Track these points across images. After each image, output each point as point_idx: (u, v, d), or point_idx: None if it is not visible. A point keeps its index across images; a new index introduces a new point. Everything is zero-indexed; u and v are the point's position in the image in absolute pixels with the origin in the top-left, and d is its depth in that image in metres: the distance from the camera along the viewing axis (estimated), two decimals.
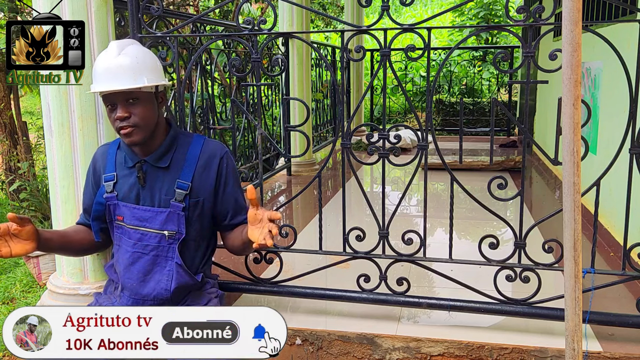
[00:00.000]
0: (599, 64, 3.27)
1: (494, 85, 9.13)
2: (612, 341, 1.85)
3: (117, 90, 1.59)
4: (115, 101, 1.60)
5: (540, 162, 5.15)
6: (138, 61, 1.63)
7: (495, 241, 1.90)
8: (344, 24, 2.18)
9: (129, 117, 1.60)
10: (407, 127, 2.18)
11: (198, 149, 1.75)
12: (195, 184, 1.72)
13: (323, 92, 6.15)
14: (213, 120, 3.73)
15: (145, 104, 1.63)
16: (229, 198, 1.77)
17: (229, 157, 1.79)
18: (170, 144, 1.73)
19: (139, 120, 1.61)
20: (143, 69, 1.62)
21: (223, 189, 1.76)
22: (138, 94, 1.62)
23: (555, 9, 1.74)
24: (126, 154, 1.74)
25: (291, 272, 2.18)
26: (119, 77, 1.58)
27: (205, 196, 1.74)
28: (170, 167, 1.72)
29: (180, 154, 1.73)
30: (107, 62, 1.61)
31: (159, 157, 1.71)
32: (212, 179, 1.74)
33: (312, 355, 1.99)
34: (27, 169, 4.30)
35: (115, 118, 1.61)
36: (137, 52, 1.65)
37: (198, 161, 1.73)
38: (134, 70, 1.60)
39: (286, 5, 4.61)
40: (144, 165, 1.71)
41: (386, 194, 2.85)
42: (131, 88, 1.58)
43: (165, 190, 1.71)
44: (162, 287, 1.71)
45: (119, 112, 1.60)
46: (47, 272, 2.83)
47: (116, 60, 1.61)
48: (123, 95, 1.60)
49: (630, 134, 1.76)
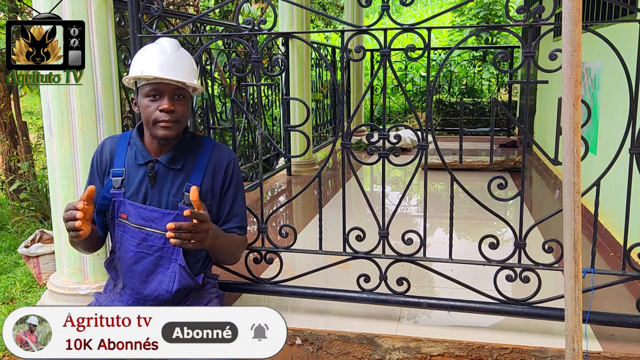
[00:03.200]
0: (599, 64, 3.27)
1: (494, 85, 9.13)
2: (612, 341, 1.85)
3: (177, 82, 1.62)
4: (164, 93, 1.62)
5: (540, 162, 5.15)
6: (192, 62, 1.72)
7: (495, 241, 1.90)
8: (344, 24, 2.18)
9: (174, 111, 1.63)
10: (407, 127, 2.18)
11: (208, 153, 1.76)
12: (203, 188, 1.72)
13: (323, 92, 6.15)
14: (213, 120, 3.73)
15: (188, 103, 1.69)
16: (225, 203, 1.78)
17: (236, 164, 1.81)
18: (185, 146, 1.74)
19: (180, 116, 1.65)
20: (193, 71, 1.70)
21: (224, 193, 1.77)
22: (185, 92, 1.67)
23: (555, 9, 1.74)
24: (138, 150, 1.72)
25: (291, 272, 2.18)
26: (178, 70, 1.63)
27: (212, 200, 1.75)
28: (183, 169, 1.72)
29: (192, 158, 1.74)
30: (165, 54, 1.64)
31: (173, 158, 1.71)
32: (219, 184, 1.76)
33: (312, 355, 1.99)
34: (27, 169, 4.30)
35: (159, 109, 1.62)
36: (188, 54, 1.74)
37: (207, 165, 1.74)
38: (189, 69, 1.68)
39: (286, 5, 4.61)
40: (156, 165, 1.71)
41: (386, 194, 2.85)
42: (190, 83, 1.65)
43: (174, 192, 1.70)
44: (164, 289, 1.71)
45: (166, 105, 1.61)
46: (47, 272, 2.83)
47: (176, 54, 1.66)
48: (173, 89, 1.63)
49: (630, 134, 1.76)
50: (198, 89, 1.73)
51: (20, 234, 3.85)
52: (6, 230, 4.01)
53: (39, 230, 3.05)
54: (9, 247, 3.65)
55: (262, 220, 2.12)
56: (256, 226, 2.14)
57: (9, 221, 4.11)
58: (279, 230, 2.09)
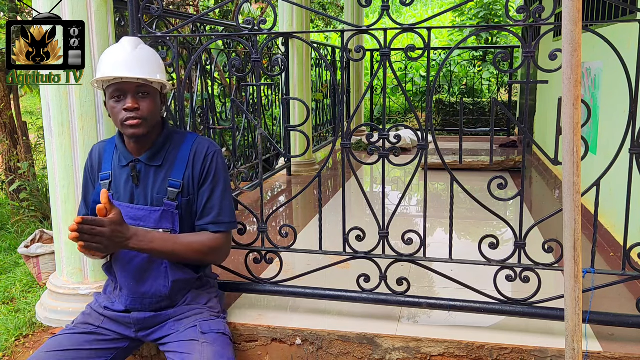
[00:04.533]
0: (599, 64, 3.27)
1: (494, 85, 9.13)
2: (612, 341, 1.85)
3: (137, 79, 1.62)
4: (127, 92, 1.63)
5: (540, 162, 5.15)
6: (154, 58, 1.71)
7: (495, 241, 1.90)
8: (344, 24, 2.18)
9: (138, 109, 1.63)
10: (407, 127, 2.18)
11: (189, 147, 1.76)
12: (186, 182, 1.73)
13: (323, 92, 6.15)
14: (213, 120, 3.73)
15: (154, 99, 1.68)
16: (201, 196, 1.76)
17: (217, 155, 1.78)
18: (164, 142, 1.75)
19: (146, 113, 1.65)
20: (157, 66, 1.70)
21: (201, 185, 1.76)
22: (149, 88, 1.66)
23: (555, 9, 1.74)
24: (121, 152, 1.75)
25: (291, 272, 2.18)
26: (137, 68, 1.63)
27: (194, 194, 1.75)
28: (163, 165, 1.73)
29: (173, 153, 1.75)
30: (124, 53, 1.64)
31: (153, 155, 1.72)
32: (197, 176, 1.75)
33: (312, 355, 1.99)
34: (27, 169, 4.30)
35: (123, 108, 1.63)
36: (151, 50, 1.74)
37: (188, 159, 1.74)
38: (151, 65, 1.67)
39: (286, 5, 4.61)
40: (137, 165, 1.72)
41: (386, 194, 2.85)
42: (151, 79, 1.64)
43: (157, 188, 1.72)
44: (160, 284, 1.73)
45: (129, 103, 1.62)
46: (47, 272, 2.82)
47: (134, 52, 1.66)
48: (135, 87, 1.63)
49: (630, 134, 1.76)
50: (165, 84, 1.72)
51: (20, 234, 3.85)
52: (6, 230, 4.01)
53: (39, 230, 3.05)
54: (9, 247, 3.65)
55: (262, 220, 2.12)
56: (256, 226, 2.14)
57: (9, 221, 4.11)
58: (279, 230, 2.08)
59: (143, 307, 1.74)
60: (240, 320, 2.04)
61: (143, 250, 1.64)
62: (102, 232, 1.52)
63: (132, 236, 1.61)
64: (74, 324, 1.77)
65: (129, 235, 1.60)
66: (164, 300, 1.75)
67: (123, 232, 1.58)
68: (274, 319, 2.06)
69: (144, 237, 1.64)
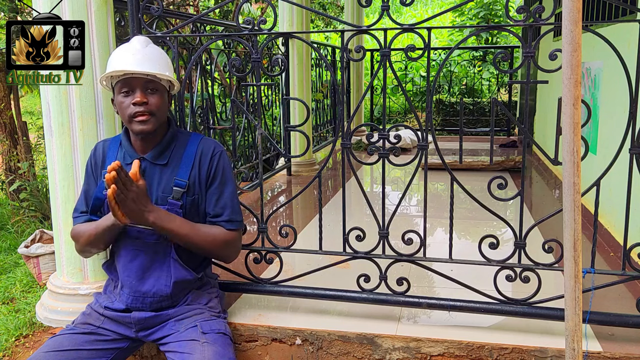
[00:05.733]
0: (599, 64, 3.27)
1: (494, 85, 9.13)
2: (612, 341, 1.85)
3: (146, 74, 1.64)
4: (135, 87, 1.64)
5: (540, 162, 5.15)
6: (164, 57, 1.74)
7: (495, 241, 1.90)
8: (344, 24, 2.18)
9: (146, 103, 1.65)
10: (407, 127, 2.18)
11: (195, 147, 1.77)
12: (191, 181, 1.74)
13: (323, 92, 6.14)
14: (213, 120, 3.73)
15: (162, 96, 1.70)
16: (211, 196, 1.78)
17: (223, 155, 1.80)
18: (169, 141, 1.76)
19: (155, 108, 1.66)
20: (166, 65, 1.72)
21: (210, 184, 1.78)
22: (158, 85, 1.68)
23: (555, 9, 1.74)
24: (126, 150, 1.75)
25: (291, 272, 2.18)
26: (146, 63, 1.65)
27: (200, 193, 1.76)
28: (169, 164, 1.74)
29: (178, 152, 1.75)
30: (134, 50, 1.67)
31: (158, 154, 1.73)
32: (204, 175, 1.76)
33: (312, 355, 1.99)
34: (27, 169, 4.30)
35: (132, 102, 1.64)
36: (160, 50, 1.77)
37: (194, 159, 1.75)
38: (160, 63, 1.69)
39: (286, 5, 4.60)
40: (142, 163, 1.72)
41: (386, 194, 2.85)
42: (160, 75, 1.66)
43: (162, 187, 1.73)
44: (162, 283, 1.73)
45: (138, 97, 1.63)
46: (47, 272, 2.82)
47: (144, 50, 1.68)
48: (144, 82, 1.65)
49: (630, 134, 1.76)
50: (173, 82, 1.74)
51: (20, 234, 3.85)
52: (6, 230, 4.01)
53: (39, 230, 3.05)
54: (9, 247, 3.65)
55: (262, 220, 2.12)
56: (256, 226, 2.14)
57: (9, 221, 4.11)
58: (279, 230, 2.09)
59: (144, 307, 1.74)
60: (240, 320, 2.04)
61: (161, 227, 1.64)
62: (131, 188, 1.56)
63: (154, 210, 1.64)
64: (74, 324, 1.77)
65: (150, 208, 1.63)
66: (165, 300, 1.75)
67: (147, 202, 1.62)
68: (274, 319, 2.06)
69: (164, 215, 1.66)
